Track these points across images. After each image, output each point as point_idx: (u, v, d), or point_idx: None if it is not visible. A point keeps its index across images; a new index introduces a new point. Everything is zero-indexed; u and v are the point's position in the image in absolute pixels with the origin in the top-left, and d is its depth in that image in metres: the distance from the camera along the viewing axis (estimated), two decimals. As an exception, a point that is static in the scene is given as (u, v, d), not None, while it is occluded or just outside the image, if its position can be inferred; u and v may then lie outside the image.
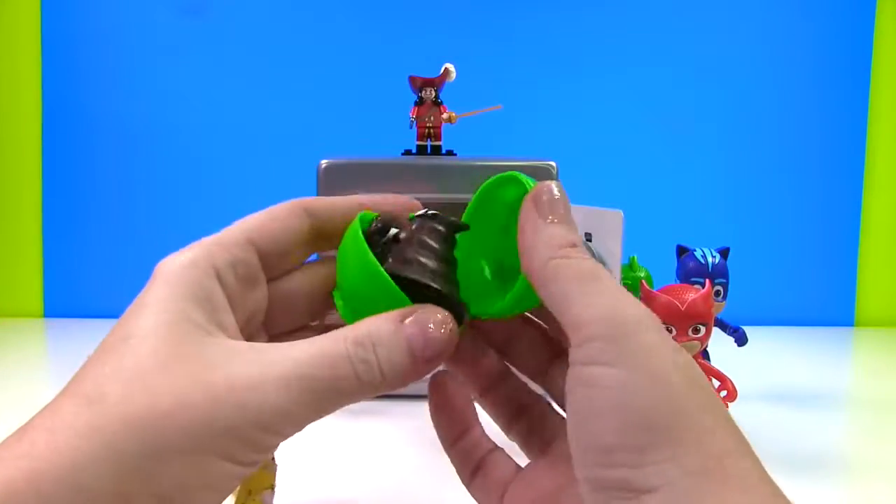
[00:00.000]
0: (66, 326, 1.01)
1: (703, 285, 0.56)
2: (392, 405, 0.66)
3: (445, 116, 0.71)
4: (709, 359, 0.61)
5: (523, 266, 0.26)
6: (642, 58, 1.06)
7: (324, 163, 0.68)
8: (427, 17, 1.06)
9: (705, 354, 0.61)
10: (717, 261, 0.61)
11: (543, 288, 0.25)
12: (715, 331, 0.58)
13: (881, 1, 1.06)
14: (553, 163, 0.69)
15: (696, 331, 0.53)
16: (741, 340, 0.64)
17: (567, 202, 0.26)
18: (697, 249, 0.62)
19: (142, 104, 1.05)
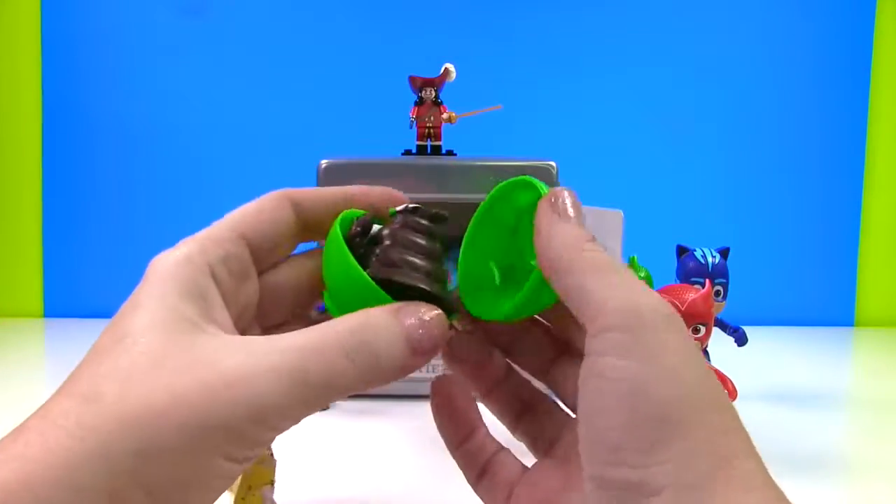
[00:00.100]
0: (66, 326, 1.01)
1: (703, 285, 0.56)
2: (392, 405, 0.66)
3: (445, 116, 0.71)
4: (709, 359, 0.61)
5: (539, 261, 0.26)
6: (642, 58, 1.06)
7: (324, 163, 0.68)
8: (427, 17, 1.06)
9: (705, 354, 0.61)
10: (717, 261, 0.61)
11: (560, 281, 0.25)
12: (715, 331, 0.58)
13: (881, 1, 1.06)
14: (553, 163, 0.69)
15: (696, 331, 0.53)
16: (741, 340, 0.64)
17: (580, 207, 0.26)
18: (697, 249, 0.62)
19: (142, 104, 1.05)
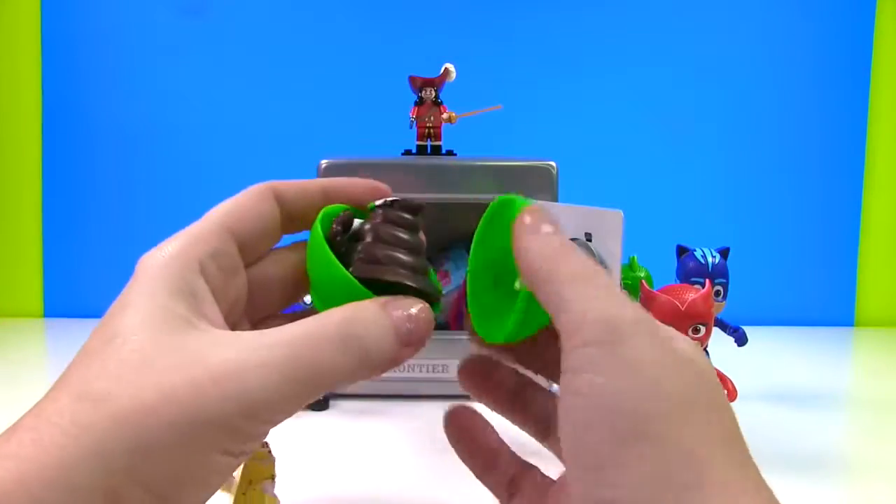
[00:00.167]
0: (66, 326, 1.01)
1: (703, 285, 0.56)
2: (392, 405, 0.66)
3: (445, 116, 0.71)
4: (709, 359, 0.61)
5: (522, 277, 0.25)
6: (642, 58, 1.06)
7: (324, 163, 0.68)
8: (427, 17, 1.06)
9: (705, 354, 0.61)
10: (717, 261, 0.61)
11: (539, 290, 0.24)
12: (715, 331, 0.58)
13: (881, 1, 1.06)
14: (553, 163, 0.69)
15: (696, 331, 0.53)
16: (741, 340, 0.64)
17: (556, 219, 0.26)
18: (697, 249, 0.62)
19: (142, 104, 1.05)
